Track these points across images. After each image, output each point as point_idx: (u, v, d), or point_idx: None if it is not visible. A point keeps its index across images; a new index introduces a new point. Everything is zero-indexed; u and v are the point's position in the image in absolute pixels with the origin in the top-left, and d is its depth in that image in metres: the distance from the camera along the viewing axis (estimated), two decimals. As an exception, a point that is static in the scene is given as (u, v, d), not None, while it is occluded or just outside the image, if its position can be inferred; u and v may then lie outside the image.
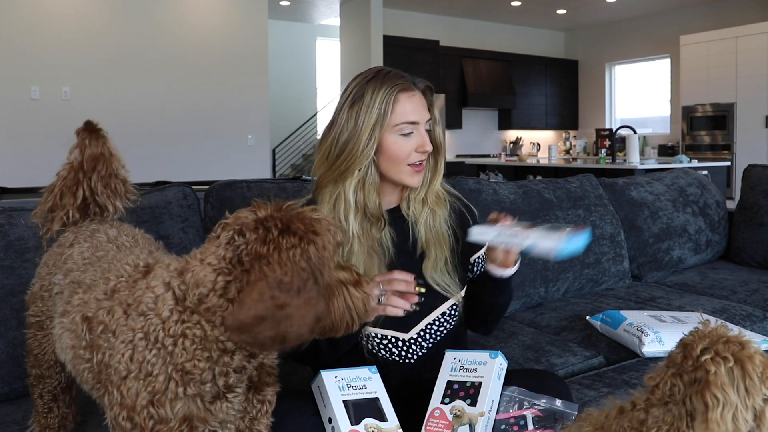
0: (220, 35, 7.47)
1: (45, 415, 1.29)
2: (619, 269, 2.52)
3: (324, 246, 0.97)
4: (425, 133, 1.37)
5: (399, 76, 1.36)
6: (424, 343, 1.41)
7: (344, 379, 1.26)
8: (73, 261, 1.18)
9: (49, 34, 6.58)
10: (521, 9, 10.01)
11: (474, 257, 1.49)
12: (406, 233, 1.42)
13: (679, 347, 0.88)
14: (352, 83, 1.38)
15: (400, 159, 1.35)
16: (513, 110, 10.89)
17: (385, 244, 1.38)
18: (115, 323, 0.99)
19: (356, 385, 1.26)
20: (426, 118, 1.38)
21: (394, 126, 1.34)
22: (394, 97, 1.33)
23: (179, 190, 1.88)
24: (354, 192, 1.35)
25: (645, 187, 2.79)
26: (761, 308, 2.26)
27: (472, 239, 1.32)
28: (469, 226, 1.39)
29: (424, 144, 1.36)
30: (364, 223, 1.36)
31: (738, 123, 8.61)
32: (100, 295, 1.04)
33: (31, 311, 1.25)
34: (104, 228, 1.27)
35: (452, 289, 1.41)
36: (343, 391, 1.24)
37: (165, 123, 7.09)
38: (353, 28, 9.01)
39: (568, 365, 1.79)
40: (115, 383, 0.96)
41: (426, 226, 1.42)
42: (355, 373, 1.28)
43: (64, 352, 1.09)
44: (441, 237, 1.41)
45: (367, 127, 1.32)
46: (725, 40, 8.70)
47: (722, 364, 0.80)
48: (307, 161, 10.89)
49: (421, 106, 1.37)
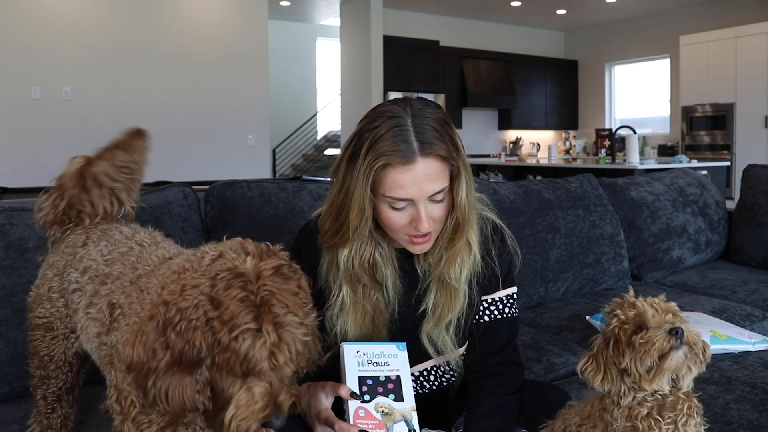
0: (221, 35, 7.47)
1: (47, 416, 1.28)
2: (618, 269, 2.52)
3: (230, 351, 0.82)
4: (425, 208, 1.12)
5: (397, 140, 1.09)
6: (418, 388, 1.31)
7: (366, 354, 1.19)
8: (91, 258, 1.16)
9: (49, 33, 6.58)
10: (521, 9, 10.01)
11: (485, 297, 1.29)
12: (416, 281, 1.26)
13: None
14: (359, 125, 1.15)
15: (393, 230, 1.17)
16: (513, 110, 10.89)
17: (390, 296, 1.24)
18: (128, 306, 0.99)
19: (378, 361, 1.19)
20: (430, 192, 1.11)
21: (381, 196, 1.13)
22: (381, 170, 1.10)
23: (179, 189, 1.88)
24: (345, 260, 1.20)
25: (645, 187, 2.79)
26: (761, 308, 2.26)
27: None
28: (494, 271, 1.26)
29: (418, 224, 1.12)
30: (355, 286, 1.22)
31: (737, 123, 8.62)
32: (126, 283, 1.05)
33: (36, 313, 1.24)
34: (116, 227, 1.26)
35: (446, 349, 1.26)
36: (362, 367, 1.18)
37: (165, 123, 7.09)
38: (353, 28, 9.01)
39: (568, 364, 1.80)
40: (114, 364, 0.97)
41: (439, 282, 1.23)
42: (380, 349, 1.20)
43: (90, 342, 1.09)
44: (453, 298, 1.23)
45: (357, 197, 1.12)
46: (725, 40, 8.70)
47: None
48: (307, 161, 10.89)
49: (422, 181, 1.10)
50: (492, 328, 1.29)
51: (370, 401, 1.15)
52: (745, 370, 1.64)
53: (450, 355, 1.27)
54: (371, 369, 1.18)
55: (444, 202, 1.16)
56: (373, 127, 1.11)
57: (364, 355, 1.19)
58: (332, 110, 11.04)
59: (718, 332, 1.80)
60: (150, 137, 1.38)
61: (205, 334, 0.83)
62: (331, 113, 11.16)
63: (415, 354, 1.25)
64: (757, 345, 1.79)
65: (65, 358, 1.24)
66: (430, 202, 1.14)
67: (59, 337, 1.22)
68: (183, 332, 0.83)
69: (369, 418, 1.14)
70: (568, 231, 2.39)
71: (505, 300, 1.30)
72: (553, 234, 2.35)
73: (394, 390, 1.17)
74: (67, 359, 1.24)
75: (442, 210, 1.16)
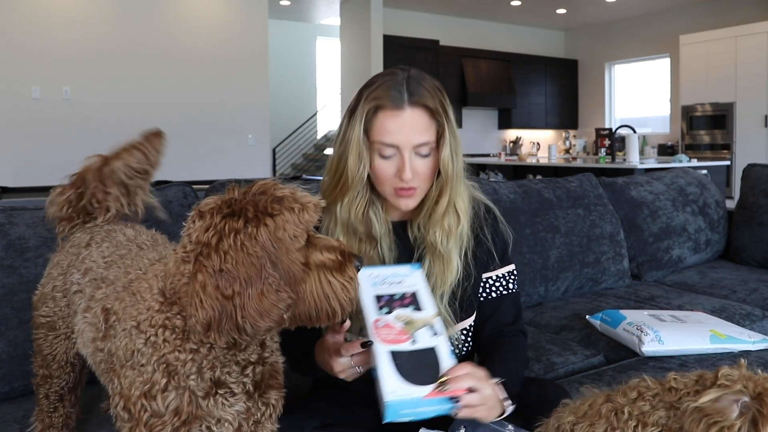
0: (221, 35, 7.47)
1: (50, 414, 1.28)
2: (618, 268, 2.52)
3: (281, 227, 0.88)
4: (410, 159, 1.20)
5: (390, 88, 1.20)
6: None
7: (379, 276, 1.17)
8: (92, 260, 1.16)
9: (49, 33, 6.58)
10: (521, 9, 10.01)
11: (488, 275, 1.35)
12: (410, 251, 1.31)
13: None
14: (362, 87, 1.27)
15: (380, 179, 1.24)
16: (513, 110, 10.90)
17: (385, 259, 1.29)
18: (122, 311, 0.99)
19: (393, 281, 1.16)
20: (415, 143, 1.19)
21: (372, 143, 1.21)
22: (372, 113, 1.20)
23: (179, 189, 1.88)
24: (343, 211, 1.26)
25: (644, 187, 2.79)
26: (760, 307, 2.26)
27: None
28: (488, 249, 1.31)
29: (401, 171, 1.20)
30: (351, 240, 1.27)
31: (737, 122, 8.62)
32: (119, 288, 1.04)
33: (41, 312, 1.24)
34: (120, 228, 1.26)
35: (444, 321, 1.25)
36: (376, 287, 1.14)
37: (165, 122, 7.03)
38: (353, 28, 9.01)
39: (568, 364, 1.80)
40: (116, 371, 0.96)
41: (432, 250, 1.27)
42: (392, 271, 1.19)
43: (85, 347, 1.09)
44: (447, 266, 1.27)
45: (355, 143, 1.21)
46: (725, 40, 8.70)
47: None
48: (307, 161, 10.89)
49: (409, 129, 1.19)
50: (502, 303, 1.36)
51: (389, 314, 1.11)
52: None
53: (449, 330, 1.27)
54: (386, 288, 1.15)
55: (429, 159, 1.23)
56: (371, 83, 1.23)
57: (377, 276, 1.16)
58: (332, 110, 11.05)
59: (718, 332, 1.80)
60: (166, 138, 1.38)
61: (248, 232, 0.87)
62: (331, 113, 11.16)
63: None
64: (757, 344, 1.79)
65: (67, 358, 1.24)
66: (415, 156, 1.21)
67: (61, 336, 1.22)
68: (233, 252, 0.85)
69: (389, 327, 1.09)
70: (568, 230, 2.39)
71: (507, 276, 1.38)
72: (553, 233, 2.35)
73: (413, 302, 1.13)
74: (69, 359, 1.24)
75: (427, 166, 1.23)
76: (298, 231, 0.90)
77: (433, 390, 1.02)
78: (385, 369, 1.03)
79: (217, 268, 0.85)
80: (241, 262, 0.85)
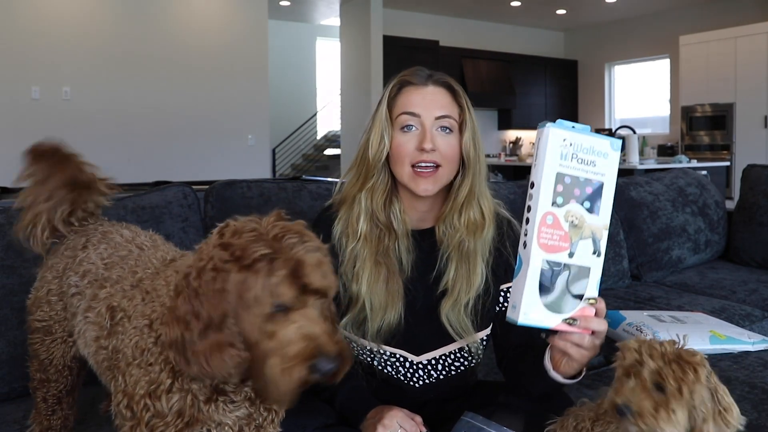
0: (221, 35, 7.47)
1: (48, 417, 1.28)
2: (618, 269, 2.52)
3: (247, 285, 0.82)
4: (431, 130, 1.22)
5: (415, 72, 1.27)
6: (434, 373, 1.32)
7: (573, 145, 0.98)
8: (90, 262, 1.16)
9: (49, 34, 6.58)
10: (521, 9, 10.01)
11: (506, 286, 1.32)
12: (432, 260, 1.29)
13: None
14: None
15: (400, 157, 1.23)
16: (513, 110, 10.89)
17: (402, 260, 1.27)
18: (132, 309, 0.98)
19: (585, 158, 0.99)
20: (436, 115, 1.23)
21: (395, 119, 1.24)
22: (397, 88, 1.26)
23: (179, 189, 1.89)
24: (365, 196, 1.26)
25: (644, 187, 2.79)
26: (760, 308, 2.26)
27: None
28: (505, 262, 1.28)
29: (423, 140, 1.21)
30: (373, 229, 1.26)
31: (737, 123, 8.62)
32: (126, 286, 1.04)
33: (36, 316, 1.23)
34: (116, 229, 1.25)
35: (466, 332, 1.26)
36: (564, 161, 0.98)
37: (165, 123, 7.09)
38: (353, 28, 9.01)
39: (567, 365, 1.79)
40: (121, 369, 0.96)
41: (457, 252, 1.26)
42: (590, 142, 0.99)
43: (87, 347, 1.08)
44: (472, 271, 1.25)
45: (378, 124, 1.24)
46: (725, 41, 8.70)
47: None
48: (307, 161, 10.89)
49: (431, 102, 1.23)
50: None
51: (562, 206, 0.98)
52: (745, 370, 1.64)
53: (468, 339, 1.28)
54: (574, 166, 0.99)
55: (451, 138, 1.25)
56: (397, 75, 1.29)
57: (570, 146, 0.98)
58: (332, 110, 11.04)
59: (717, 332, 1.80)
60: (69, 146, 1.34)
61: (223, 275, 0.82)
62: (331, 113, 11.16)
63: (436, 338, 1.28)
64: (756, 345, 1.79)
65: (64, 361, 1.23)
66: (437, 131, 1.23)
67: (58, 340, 1.21)
68: (204, 288, 0.83)
69: (555, 228, 0.98)
70: (567, 231, 2.38)
71: None
72: (553, 234, 2.34)
73: (592, 197, 1.00)
74: (66, 363, 1.24)
75: (449, 144, 1.24)
76: (264, 295, 0.82)
77: (561, 323, 1.01)
78: (530, 283, 0.98)
79: (193, 296, 0.85)
80: (208, 301, 0.84)
